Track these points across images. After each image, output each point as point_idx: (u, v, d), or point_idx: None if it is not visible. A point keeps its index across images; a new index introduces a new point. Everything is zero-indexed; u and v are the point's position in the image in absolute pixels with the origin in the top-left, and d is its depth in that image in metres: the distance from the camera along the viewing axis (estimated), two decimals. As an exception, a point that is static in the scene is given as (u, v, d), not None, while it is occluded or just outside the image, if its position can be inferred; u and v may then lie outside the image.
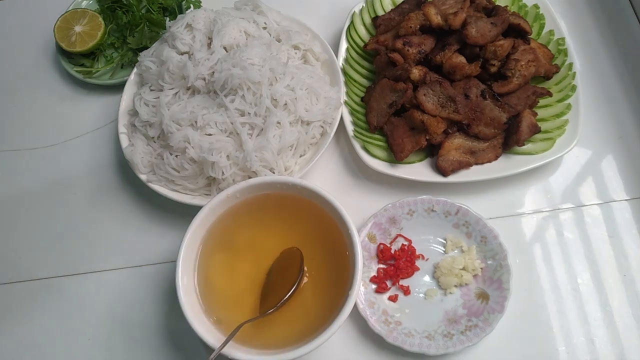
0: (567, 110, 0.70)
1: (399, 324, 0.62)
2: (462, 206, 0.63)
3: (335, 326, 0.52)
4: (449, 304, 0.62)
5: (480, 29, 0.68)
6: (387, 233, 0.65)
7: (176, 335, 0.66)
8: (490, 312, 0.60)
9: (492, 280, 0.62)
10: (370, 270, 0.64)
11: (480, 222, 0.63)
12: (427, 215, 0.65)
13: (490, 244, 0.63)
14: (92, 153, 0.78)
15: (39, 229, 0.73)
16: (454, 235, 0.65)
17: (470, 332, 0.60)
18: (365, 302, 0.62)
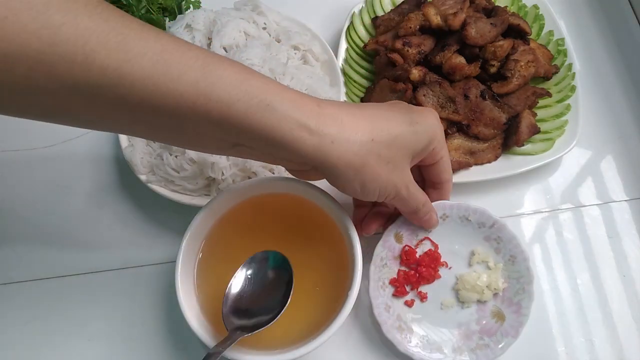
0: (566, 110, 0.71)
1: (411, 331, 0.60)
2: (498, 220, 0.59)
3: (335, 326, 0.52)
4: (464, 317, 0.60)
5: (480, 29, 0.68)
6: (415, 234, 0.61)
7: (176, 335, 0.66)
8: (503, 334, 0.58)
9: (512, 302, 0.59)
10: (391, 271, 0.61)
11: (513, 241, 0.59)
12: (459, 223, 0.61)
13: (518, 265, 0.59)
14: (91, 153, 0.78)
15: (38, 229, 0.73)
16: (483, 249, 0.61)
17: (481, 352, 0.58)
18: (382, 305, 0.59)
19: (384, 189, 0.49)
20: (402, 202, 0.53)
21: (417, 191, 0.53)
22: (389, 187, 0.49)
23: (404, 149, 0.48)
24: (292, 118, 0.42)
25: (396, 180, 0.49)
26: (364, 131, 0.45)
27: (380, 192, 0.49)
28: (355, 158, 0.45)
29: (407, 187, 0.51)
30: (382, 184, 0.48)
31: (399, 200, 0.52)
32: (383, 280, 0.61)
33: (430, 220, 0.58)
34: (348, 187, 0.48)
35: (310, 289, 0.59)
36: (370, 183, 0.47)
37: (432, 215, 0.58)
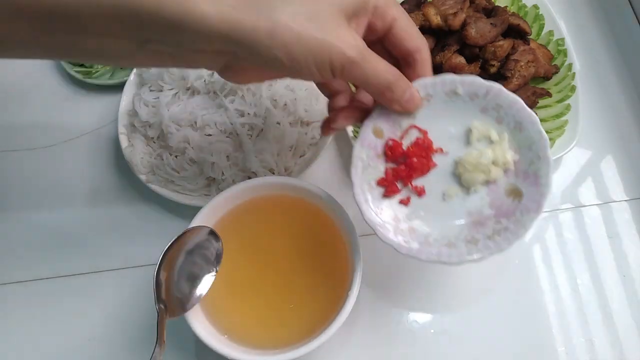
0: (566, 110, 0.71)
1: (413, 231, 0.51)
2: (493, 86, 0.49)
3: (335, 326, 0.52)
4: (472, 203, 0.50)
5: (480, 29, 0.68)
6: (397, 125, 0.51)
7: (176, 335, 0.66)
8: (523, 212, 0.49)
9: (527, 174, 0.49)
10: (377, 171, 0.52)
11: (516, 104, 0.49)
12: (447, 100, 0.50)
13: (526, 131, 0.49)
14: (91, 153, 0.78)
15: (38, 229, 0.73)
16: (481, 123, 0.50)
17: (500, 237, 0.49)
18: (372, 209, 0.51)
19: (319, 55, 0.41)
20: (359, 74, 0.44)
21: (378, 61, 0.45)
22: (324, 51, 0.41)
23: (328, 3, 0.41)
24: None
25: (332, 41, 0.41)
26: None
27: (316, 59, 0.41)
28: (261, 18, 0.39)
29: (356, 49, 0.42)
30: (312, 47, 0.40)
31: (354, 72, 0.43)
32: (369, 183, 0.53)
33: (411, 99, 0.49)
34: (277, 65, 0.41)
35: (310, 289, 0.59)
36: (294, 47, 0.40)
37: (412, 92, 0.49)
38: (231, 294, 0.60)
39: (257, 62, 0.43)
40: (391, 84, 0.46)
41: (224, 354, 0.53)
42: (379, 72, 0.45)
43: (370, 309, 0.65)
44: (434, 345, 0.63)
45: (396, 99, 0.48)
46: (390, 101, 0.48)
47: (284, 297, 0.59)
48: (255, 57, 0.41)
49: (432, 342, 0.63)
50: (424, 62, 0.49)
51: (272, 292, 0.59)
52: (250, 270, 0.61)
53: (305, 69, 0.42)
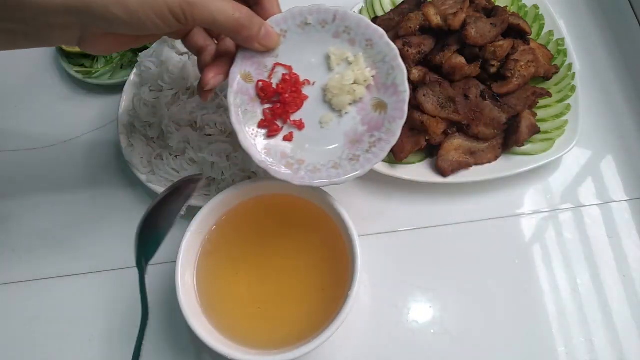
0: (566, 110, 0.71)
1: (302, 162, 0.55)
2: (339, 9, 0.53)
3: (335, 326, 0.52)
4: (347, 124, 0.55)
5: (480, 29, 0.68)
6: (263, 66, 0.54)
7: (176, 335, 0.66)
8: (390, 121, 0.54)
9: (387, 86, 0.54)
10: (255, 115, 0.55)
11: (362, 23, 0.54)
12: (301, 32, 0.54)
13: (377, 46, 0.54)
14: (91, 153, 0.78)
15: (38, 229, 0.73)
16: (336, 47, 0.55)
17: (376, 148, 0.54)
18: (262, 151, 0.55)
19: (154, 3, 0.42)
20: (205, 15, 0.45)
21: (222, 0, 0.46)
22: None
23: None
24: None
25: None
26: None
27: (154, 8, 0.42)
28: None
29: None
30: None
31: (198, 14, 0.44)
32: (252, 127, 0.55)
33: (268, 36, 0.51)
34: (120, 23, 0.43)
35: (310, 289, 0.59)
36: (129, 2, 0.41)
37: (267, 29, 0.51)
38: (231, 294, 0.60)
39: (103, 26, 0.43)
40: (242, 20, 0.47)
41: (224, 354, 0.53)
42: (225, 11, 0.45)
43: (370, 309, 0.65)
44: (434, 345, 0.63)
45: (253, 36, 0.49)
46: (248, 40, 0.50)
47: (284, 297, 0.59)
48: (99, 21, 0.42)
49: (432, 342, 0.63)
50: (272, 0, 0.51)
51: (273, 292, 0.59)
52: (251, 270, 0.61)
53: (149, 21, 0.43)
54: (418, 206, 0.71)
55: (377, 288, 0.67)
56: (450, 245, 0.69)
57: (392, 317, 0.65)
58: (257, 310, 0.59)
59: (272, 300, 0.59)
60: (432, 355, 0.63)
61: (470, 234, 0.69)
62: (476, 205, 0.70)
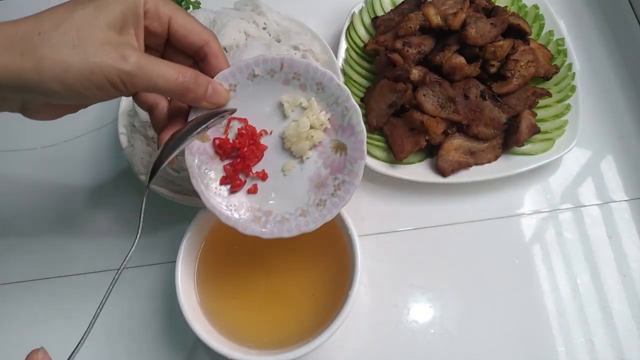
0: (566, 110, 0.71)
1: (269, 213, 0.55)
2: (284, 57, 0.53)
3: (335, 326, 0.52)
4: (310, 169, 0.55)
5: (480, 29, 0.68)
6: (218, 122, 0.54)
7: (176, 335, 0.66)
8: (352, 162, 0.54)
9: (344, 128, 0.54)
10: (217, 172, 0.54)
11: (310, 68, 0.53)
12: (251, 84, 0.53)
13: (328, 89, 0.53)
14: (91, 153, 0.78)
15: (38, 229, 0.73)
16: (288, 94, 0.54)
17: (341, 191, 0.54)
18: (227, 210, 0.54)
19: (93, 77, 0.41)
20: (146, 83, 0.44)
21: (164, 65, 0.45)
22: (96, 72, 0.41)
23: (90, 24, 0.41)
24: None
25: (101, 61, 0.41)
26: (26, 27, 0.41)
27: (92, 82, 0.41)
28: (25, 59, 0.39)
29: (130, 60, 0.42)
30: (83, 72, 0.41)
31: (139, 83, 0.43)
32: (214, 187, 0.54)
33: (215, 93, 0.50)
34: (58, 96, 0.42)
35: (310, 289, 0.59)
36: (66, 77, 0.40)
37: (214, 86, 0.50)
38: (232, 294, 0.60)
39: (42, 99, 0.44)
40: (187, 83, 0.46)
41: (224, 354, 0.53)
42: (168, 76, 0.45)
43: (370, 309, 0.65)
44: (434, 345, 0.63)
45: (200, 96, 0.49)
46: (195, 101, 0.49)
47: (284, 296, 0.59)
48: (38, 96, 0.43)
49: (432, 342, 0.63)
50: (216, 55, 0.50)
51: (273, 291, 0.60)
52: (251, 270, 0.61)
53: (88, 93, 0.42)
54: (418, 206, 0.71)
55: (377, 288, 0.67)
56: (450, 245, 0.69)
57: (392, 317, 0.65)
58: (257, 310, 0.59)
59: (273, 299, 0.59)
60: (432, 355, 0.63)
61: (470, 234, 0.69)
62: (476, 205, 0.70)
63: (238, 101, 0.53)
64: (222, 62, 0.51)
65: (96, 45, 0.41)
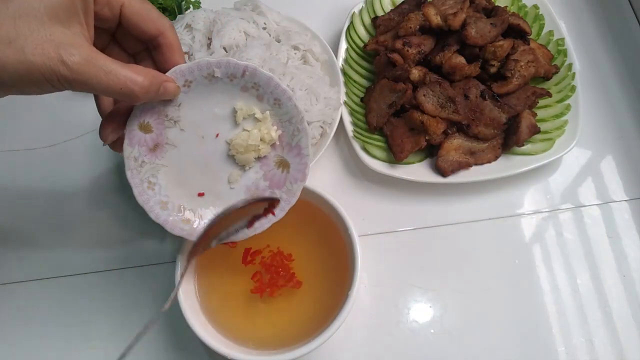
0: (566, 110, 0.71)
1: (200, 217, 0.55)
2: (249, 65, 0.51)
3: (335, 326, 0.52)
4: (249, 178, 0.56)
5: (480, 29, 0.68)
6: (164, 115, 0.52)
7: (176, 335, 0.66)
8: (292, 181, 0.54)
9: (291, 147, 0.55)
10: (154, 166, 0.54)
11: (271, 82, 0.52)
12: (208, 84, 0.52)
13: (285, 106, 0.53)
14: (92, 153, 0.78)
15: (38, 229, 0.73)
16: (244, 101, 0.54)
17: (275, 208, 0.55)
18: (157, 205, 0.53)
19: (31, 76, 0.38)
20: (90, 85, 0.41)
21: (101, 69, 0.40)
22: (34, 72, 0.38)
23: (29, 16, 0.38)
24: None
25: (38, 61, 0.38)
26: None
27: (31, 81, 0.39)
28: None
29: (66, 62, 0.39)
30: (20, 71, 0.38)
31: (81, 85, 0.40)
32: (148, 180, 0.53)
33: (166, 92, 0.48)
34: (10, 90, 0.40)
35: (310, 289, 0.59)
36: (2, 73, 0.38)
37: (166, 85, 0.47)
38: (232, 293, 0.60)
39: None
40: (137, 92, 0.43)
41: (224, 354, 0.53)
42: (110, 86, 0.41)
43: (370, 309, 0.65)
44: (434, 345, 0.63)
45: (151, 97, 0.46)
46: (145, 99, 0.46)
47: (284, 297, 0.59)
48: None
49: (432, 342, 0.63)
50: (171, 47, 0.47)
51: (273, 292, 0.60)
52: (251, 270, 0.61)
53: (28, 89, 0.40)
54: (418, 206, 0.71)
55: (377, 288, 0.67)
56: (450, 245, 0.69)
57: (392, 317, 0.65)
58: (257, 309, 0.59)
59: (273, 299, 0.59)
60: (432, 355, 0.63)
61: (470, 234, 0.69)
62: (476, 205, 0.70)
63: (190, 97, 0.52)
64: (177, 55, 0.49)
65: (35, 43, 0.38)
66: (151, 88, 0.45)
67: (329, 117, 0.70)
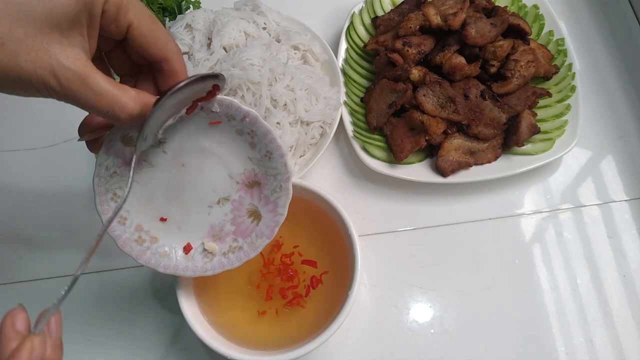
0: (566, 110, 0.71)
1: (154, 240, 0.53)
2: (250, 112, 0.50)
3: (335, 326, 0.52)
4: (216, 217, 0.54)
5: (480, 29, 0.68)
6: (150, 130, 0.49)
7: (176, 335, 0.66)
8: (258, 235, 0.54)
9: (269, 201, 0.54)
10: (123, 180, 0.52)
11: (269, 135, 0.51)
12: (204, 115, 0.50)
13: (275, 161, 0.52)
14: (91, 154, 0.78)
15: (38, 229, 0.73)
16: (235, 145, 0.53)
17: (233, 255, 0.54)
18: (115, 218, 0.50)
19: (21, 83, 0.37)
20: (73, 102, 0.39)
21: (91, 89, 0.39)
22: (24, 79, 0.37)
23: (28, 20, 0.36)
24: None
25: (25, 67, 0.36)
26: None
27: (20, 86, 0.38)
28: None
29: (58, 75, 0.37)
30: (9, 75, 0.37)
31: (66, 100, 0.39)
32: (114, 191, 0.51)
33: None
34: None
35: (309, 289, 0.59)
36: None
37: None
38: (232, 293, 0.60)
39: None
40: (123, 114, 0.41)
41: (224, 354, 0.53)
42: (99, 101, 0.39)
43: (370, 309, 0.65)
44: (434, 345, 0.63)
45: (137, 122, 0.43)
46: (129, 125, 0.44)
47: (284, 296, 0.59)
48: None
49: (432, 342, 0.63)
50: (174, 74, 0.45)
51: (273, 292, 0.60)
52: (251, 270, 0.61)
53: (13, 91, 0.38)
54: (418, 206, 0.71)
55: (377, 288, 0.67)
56: (450, 245, 0.69)
57: (392, 317, 0.65)
58: (257, 310, 0.59)
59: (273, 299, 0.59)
60: (432, 355, 0.63)
61: (470, 234, 0.69)
62: (476, 205, 0.70)
63: (181, 124, 0.50)
64: (183, 72, 0.46)
65: (29, 49, 0.36)
66: (140, 115, 0.42)
67: (329, 117, 0.70)
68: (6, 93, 0.39)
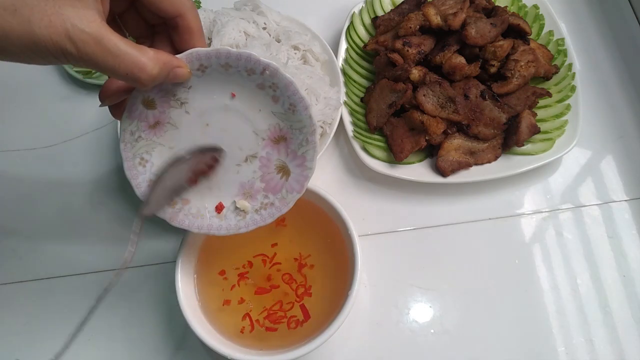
0: (566, 110, 0.71)
1: (186, 202, 0.54)
2: (270, 65, 0.49)
3: (335, 326, 0.52)
4: (245, 175, 0.54)
5: (480, 29, 0.68)
6: (171, 94, 0.50)
7: (176, 335, 0.66)
8: (289, 190, 0.53)
9: (296, 155, 0.53)
10: (150, 143, 0.52)
11: (291, 87, 0.50)
12: (224, 72, 0.49)
13: (299, 114, 0.51)
14: (92, 153, 0.78)
15: (38, 229, 0.74)
16: (258, 101, 0.52)
17: (265, 212, 0.54)
18: (145, 182, 0.52)
19: (36, 48, 0.36)
20: (92, 66, 0.39)
21: (109, 50, 0.38)
22: (40, 44, 0.36)
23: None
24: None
25: (40, 33, 0.36)
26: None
27: (35, 52, 0.37)
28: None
29: (73, 39, 0.36)
30: (24, 41, 0.36)
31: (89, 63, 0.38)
32: (141, 156, 0.52)
33: (176, 76, 0.45)
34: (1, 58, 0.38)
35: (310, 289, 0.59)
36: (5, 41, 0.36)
37: (176, 71, 0.45)
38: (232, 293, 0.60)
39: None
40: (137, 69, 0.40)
41: (224, 354, 0.53)
42: (118, 63, 0.39)
43: (370, 309, 0.65)
44: (434, 345, 0.63)
45: (158, 83, 0.43)
46: (151, 86, 0.44)
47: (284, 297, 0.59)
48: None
49: (432, 342, 0.63)
50: (189, 29, 0.45)
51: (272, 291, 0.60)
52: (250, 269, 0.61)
53: (32, 60, 0.38)
54: (418, 206, 0.71)
55: (377, 288, 0.67)
56: (450, 245, 0.69)
57: (392, 317, 0.65)
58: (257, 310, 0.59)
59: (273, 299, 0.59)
60: (432, 355, 0.63)
61: (470, 234, 0.69)
62: (476, 205, 0.70)
63: (202, 82, 0.50)
64: (196, 39, 0.46)
65: (42, 14, 0.35)
66: (160, 75, 0.42)
67: (329, 117, 0.70)
68: (25, 62, 0.39)
